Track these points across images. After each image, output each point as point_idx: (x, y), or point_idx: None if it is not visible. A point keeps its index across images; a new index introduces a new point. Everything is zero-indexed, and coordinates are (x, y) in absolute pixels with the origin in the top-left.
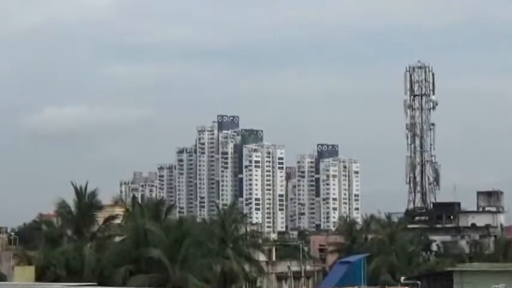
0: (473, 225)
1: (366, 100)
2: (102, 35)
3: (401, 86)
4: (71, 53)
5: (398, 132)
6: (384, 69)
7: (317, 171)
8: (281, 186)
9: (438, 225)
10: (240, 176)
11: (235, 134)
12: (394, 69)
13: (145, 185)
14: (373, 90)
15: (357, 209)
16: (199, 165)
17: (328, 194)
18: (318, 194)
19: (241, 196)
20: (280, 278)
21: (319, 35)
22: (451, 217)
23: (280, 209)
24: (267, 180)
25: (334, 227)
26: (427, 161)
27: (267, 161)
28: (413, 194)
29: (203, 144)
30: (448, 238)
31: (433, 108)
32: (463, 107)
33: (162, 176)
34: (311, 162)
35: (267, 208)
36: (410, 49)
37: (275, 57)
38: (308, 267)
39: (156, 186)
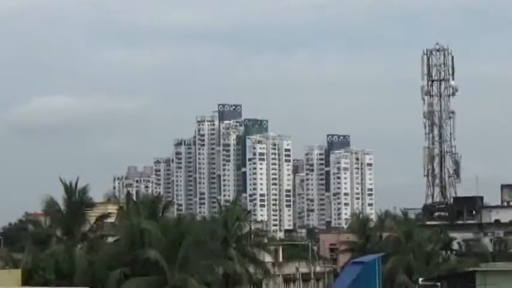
0: (497, 221)
1: (379, 86)
2: (95, 16)
3: (418, 71)
4: (60, 36)
5: (415, 121)
6: (400, 53)
7: (327, 164)
8: (288, 180)
9: (459, 222)
10: (243, 169)
11: (237, 124)
12: (410, 53)
13: (141, 180)
14: (388, 75)
15: (370, 204)
16: (199, 159)
17: (339, 188)
18: (328, 189)
19: (245, 192)
20: (288, 280)
21: (328, 18)
22: (473, 212)
23: (287, 206)
24: (272, 174)
25: (346, 224)
26: (447, 152)
27: (272, 154)
28: (431, 188)
29: (203, 135)
30: (469, 235)
31: (453, 94)
32: (485, 94)
33: (159, 171)
34: (320, 154)
35: (273, 204)
36: (427, 31)
37: (281, 41)
38: (318, 269)
39: (152, 182)
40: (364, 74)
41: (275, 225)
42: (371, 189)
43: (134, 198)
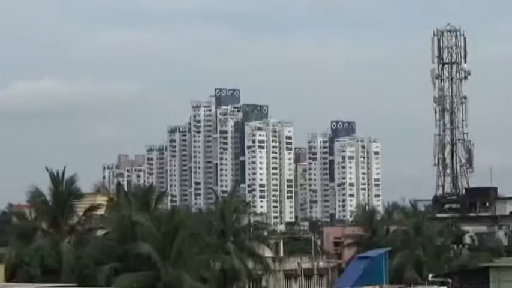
0: None
1: (387, 70)
2: None
3: (429, 53)
4: (48, 14)
5: (425, 106)
6: (409, 35)
7: (331, 153)
8: (289, 170)
9: (471, 214)
10: (241, 158)
11: (235, 110)
12: (420, 34)
13: (132, 169)
14: (395, 58)
15: (377, 195)
16: (195, 147)
17: (344, 178)
18: (332, 179)
19: (244, 182)
20: (289, 276)
21: None
22: (487, 204)
23: (288, 197)
24: (273, 163)
25: (351, 216)
26: (459, 140)
27: (273, 141)
28: (442, 178)
29: (199, 122)
30: (483, 229)
31: (465, 78)
32: (499, 78)
33: (152, 159)
34: (324, 142)
35: (274, 196)
36: (437, 11)
37: (282, 22)
38: (321, 264)
39: (144, 171)
40: (370, 57)
41: (276, 217)
42: (378, 180)
43: (125, 188)
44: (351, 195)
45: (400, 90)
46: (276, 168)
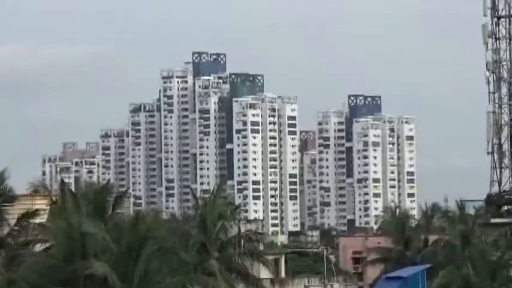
0: None
1: (424, 26)
2: None
3: (479, 4)
4: None
5: (475, 75)
6: None
7: (349, 138)
8: (293, 161)
9: None
10: (228, 146)
11: (220, 81)
12: None
13: (82, 162)
14: (436, 10)
15: (411, 194)
16: (166, 131)
17: (366, 172)
18: (350, 173)
19: (232, 178)
20: None
21: None
22: None
23: (291, 198)
24: (271, 153)
25: (376, 223)
26: None
27: (270, 123)
28: (498, 171)
29: (171, 97)
30: None
31: None
32: None
33: (108, 149)
34: (339, 123)
35: (272, 196)
36: None
37: None
38: (336, 287)
39: (98, 165)
40: (404, 9)
41: (275, 225)
42: (412, 173)
43: (72, 188)
44: (376, 195)
45: (442, 54)
46: (275, 160)
